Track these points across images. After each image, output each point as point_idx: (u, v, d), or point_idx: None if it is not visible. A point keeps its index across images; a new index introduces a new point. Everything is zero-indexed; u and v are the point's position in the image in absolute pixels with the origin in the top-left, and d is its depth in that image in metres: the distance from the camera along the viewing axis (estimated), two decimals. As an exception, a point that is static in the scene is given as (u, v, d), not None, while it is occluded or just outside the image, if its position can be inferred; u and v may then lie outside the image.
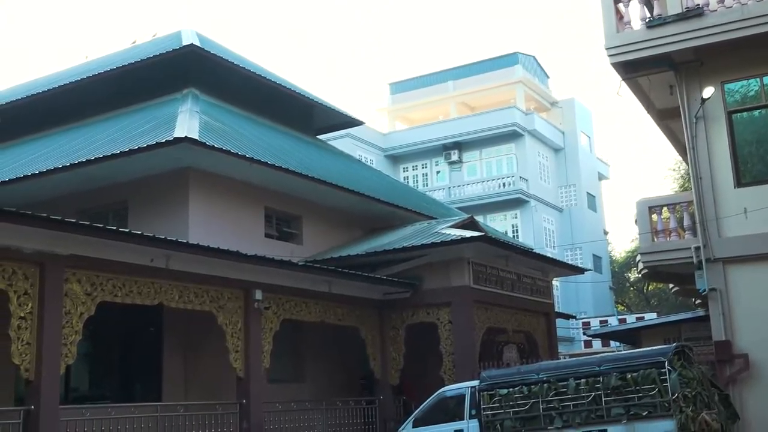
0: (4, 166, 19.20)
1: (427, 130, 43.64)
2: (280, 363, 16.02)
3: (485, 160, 42.22)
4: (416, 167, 43.82)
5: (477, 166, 42.35)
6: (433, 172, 43.42)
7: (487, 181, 41.35)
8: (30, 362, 10.77)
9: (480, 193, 40.93)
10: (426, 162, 43.61)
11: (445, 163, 42.59)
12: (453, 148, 42.09)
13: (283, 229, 19.23)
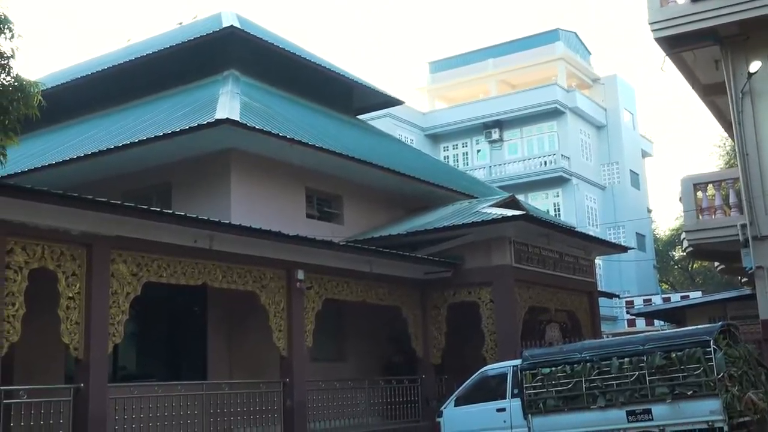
0: (50, 150, 19.54)
1: (467, 108, 43.39)
2: (322, 342, 16.15)
3: (526, 139, 41.89)
4: (456, 146, 43.64)
5: (518, 144, 42.04)
6: (473, 151, 43.21)
7: (528, 159, 41.05)
8: (79, 341, 11.01)
9: (521, 171, 40.65)
10: (466, 141, 43.41)
11: (486, 141, 42.35)
12: (493, 127, 41.82)
13: (324, 209, 19.31)
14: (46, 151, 19.47)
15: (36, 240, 10.63)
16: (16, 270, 10.36)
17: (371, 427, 16.02)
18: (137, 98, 21.40)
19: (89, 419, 10.86)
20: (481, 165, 42.14)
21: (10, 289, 10.22)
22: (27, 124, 12.02)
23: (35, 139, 20.82)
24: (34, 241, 10.61)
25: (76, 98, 22.32)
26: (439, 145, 43.78)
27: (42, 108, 11.67)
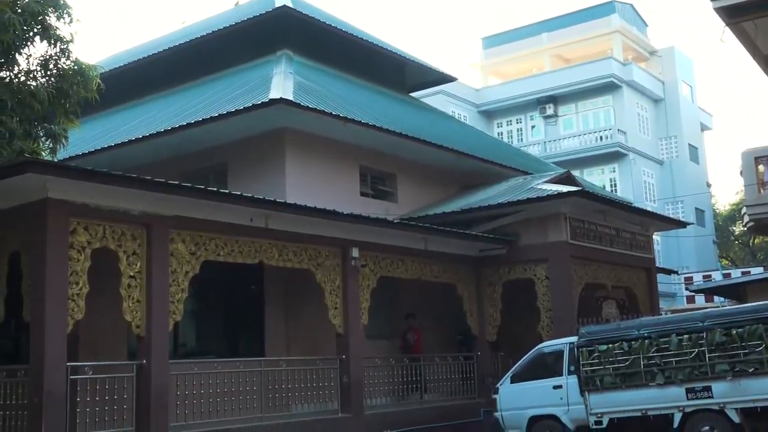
0: (109, 132, 19.91)
1: (521, 84, 42.93)
2: (378, 319, 16.24)
3: (581, 114, 41.32)
4: (510, 122, 43.26)
5: (573, 119, 41.50)
6: (527, 126, 42.79)
7: (583, 134, 40.51)
8: (140, 319, 11.26)
9: (576, 147, 40.16)
10: (520, 117, 43.00)
11: (540, 117, 41.89)
12: (548, 102, 41.32)
13: (378, 187, 19.35)
14: (106, 133, 19.85)
15: (98, 220, 10.87)
16: (79, 250, 10.62)
17: (427, 404, 16.10)
18: (193, 79, 21.66)
19: (152, 394, 11.13)
20: (535, 141, 41.73)
21: (74, 268, 10.49)
22: (86, 107, 12.29)
23: (95, 122, 21.23)
24: (96, 221, 10.86)
25: (134, 81, 22.69)
26: (493, 122, 43.44)
27: (101, 91, 11.94)
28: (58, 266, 10.29)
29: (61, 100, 11.34)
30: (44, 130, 11.45)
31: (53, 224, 10.33)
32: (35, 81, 11.17)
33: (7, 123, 10.15)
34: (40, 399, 9.93)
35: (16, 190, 10.31)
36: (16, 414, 10.48)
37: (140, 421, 11.07)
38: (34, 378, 10.12)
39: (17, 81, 10.99)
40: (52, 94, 11.11)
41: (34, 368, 10.14)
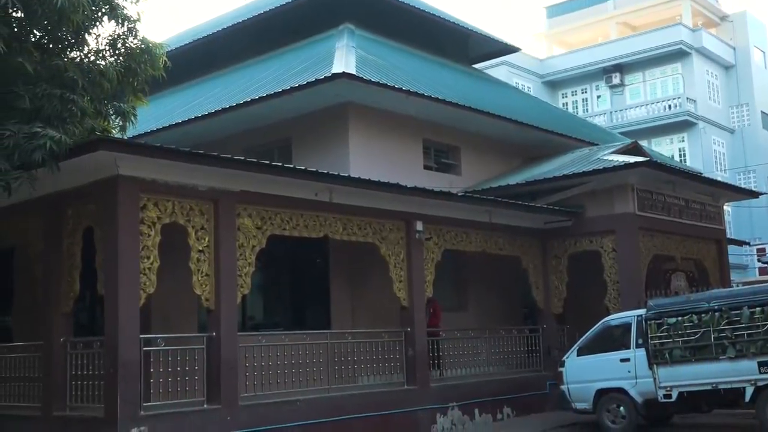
0: (175, 110, 20.25)
1: (586, 53, 42.09)
2: (442, 292, 16.27)
3: (649, 82, 40.37)
4: (575, 93, 42.53)
5: (640, 88, 40.57)
6: (593, 96, 42.01)
7: (651, 103, 39.60)
8: (210, 293, 11.49)
9: (644, 116, 39.30)
10: (586, 87, 42.23)
11: (606, 86, 41.06)
12: (614, 71, 40.44)
13: (441, 160, 19.30)
14: (172, 111, 20.19)
15: (167, 196, 11.10)
16: (150, 225, 10.87)
17: (493, 376, 16.10)
18: (256, 56, 21.85)
19: (221, 365, 11.37)
20: (601, 111, 40.98)
21: (145, 243, 10.74)
22: (154, 85, 12.51)
23: (162, 100, 21.61)
24: (165, 197, 11.08)
25: (199, 58, 23.00)
26: (558, 92, 42.78)
27: (167, 69, 12.12)
28: (129, 241, 10.55)
29: (129, 78, 11.55)
30: (114, 109, 11.69)
31: (124, 200, 10.58)
32: (104, 60, 11.40)
33: (79, 102, 10.37)
34: (116, 369, 10.25)
35: (88, 167, 10.58)
36: (93, 384, 10.84)
37: (211, 391, 11.33)
38: (109, 349, 10.44)
39: (87, 61, 11.23)
40: (121, 73, 11.33)
41: (109, 340, 10.47)
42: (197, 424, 10.97)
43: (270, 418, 11.86)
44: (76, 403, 11.21)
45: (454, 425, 14.71)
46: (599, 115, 40.20)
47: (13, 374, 12.36)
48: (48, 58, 10.53)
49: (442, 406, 14.62)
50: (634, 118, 39.45)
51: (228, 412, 11.33)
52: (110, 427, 10.17)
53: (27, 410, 11.88)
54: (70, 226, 11.55)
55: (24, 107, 9.99)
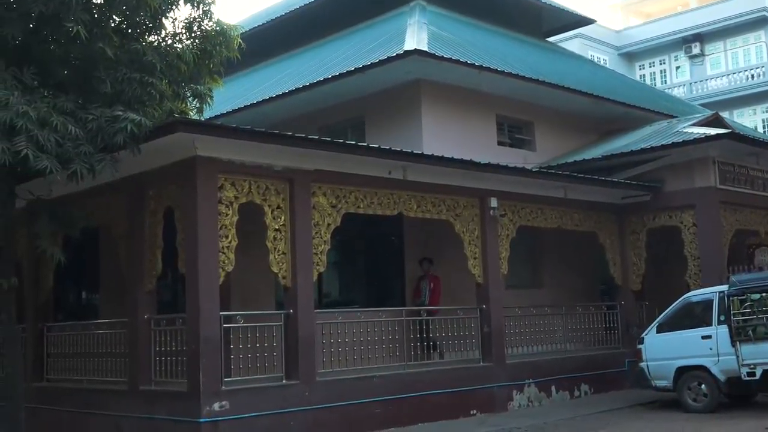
0: (250, 90, 20.52)
1: (664, 23, 40.90)
2: (517, 269, 16.16)
3: (730, 51, 39.01)
4: (653, 64, 41.44)
5: (721, 58, 39.26)
6: (672, 67, 40.86)
7: (733, 73, 38.29)
8: (286, 270, 11.66)
9: (725, 87, 38.05)
10: (664, 58, 41.09)
11: (686, 57, 39.87)
12: (694, 41, 39.22)
13: (515, 135, 19.10)
14: (247, 92, 20.46)
15: (243, 176, 11.28)
16: (227, 205, 11.08)
17: (570, 353, 15.97)
18: (328, 35, 21.94)
19: (299, 342, 11.56)
20: (680, 82, 39.86)
21: (223, 222, 10.96)
22: (229, 67, 12.68)
23: (237, 81, 21.91)
24: (242, 177, 11.27)
25: (272, 39, 23.22)
26: (635, 64, 41.75)
27: (242, 50, 12.26)
28: (208, 221, 10.78)
29: (205, 60, 11.73)
30: (191, 91, 11.89)
31: (202, 181, 10.80)
32: (181, 43, 11.59)
33: (157, 85, 10.60)
34: (197, 346, 10.53)
35: (167, 149, 10.82)
36: (176, 359, 11.16)
37: (289, 367, 11.54)
38: (191, 326, 10.72)
39: (164, 44, 11.44)
40: (197, 56, 11.51)
41: (191, 317, 10.74)
42: (276, 400, 11.19)
43: (347, 394, 12.01)
44: (160, 378, 11.56)
45: (530, 402, 14.67)
46: (678, 87, 39.12)
47: (101, 350, 12.80)
48: (127, 43, 10.76)
49: (518, 383, 14.58)
50: (714, 89, 38.25)
51: (306, 387, 11.53)
52: (193, 401, 10.46)
53: (115, 384, 12.31)
54: (151, 206, 11.86)
55: (105, 91, 10.26)
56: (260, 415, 10.94)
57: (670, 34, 39.98)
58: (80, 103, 10.09)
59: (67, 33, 9.72)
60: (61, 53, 10.64)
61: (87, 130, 9.75)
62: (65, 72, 10.81)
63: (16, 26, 9.87)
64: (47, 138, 9.26)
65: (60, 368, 13.71)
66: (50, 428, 12.95)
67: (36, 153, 9.17)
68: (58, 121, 9.43)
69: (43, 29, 10.32)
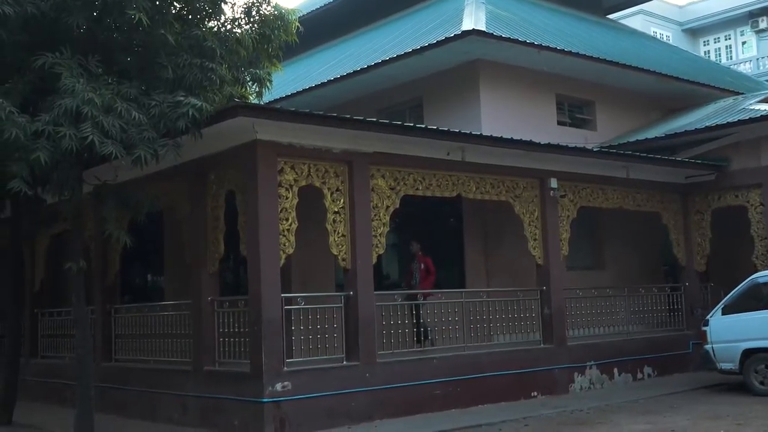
0: (309, 74, 20.62)
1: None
2: (578, 250, 15.98)
3: (800, 25, 37.82)
4: (718, 39, 40.36)
5: (790, 32, 38.09)
6: (738, 43, 39.73)
7: (802, 48, 37.16)
8: (346, 253, 11.74)
9: (794, 62, 36.97)
10: (729, 33, 39.97)
11: (752, 32, 38.70)
12: (761, 15, 38.02)
13: (575, 115, 18.86)
14: (306, 75, 20.57)
15: (303, 159, 11.37)
16: (287, 188, 11.18)
17: (632, 335, 15.76)
18: (385, 17, 21.92)
19: (359, 323, 11.64)
20: (746, 58, 38.73)
21: (284, 205, 11.08)
22: (287, 51, 12.76)
23: (295, 64, 22.04)
24: (301, 160, 11.36)
25: (329, 22, 23.28)
26: (699, 40, 40.72)
27: (300, 34, 12.33)
28: (269, 204, 10.90)
29: (264, 45, 11.83)
30: (250, 75, 12.01)
31: (263, 164, 10.92)
32: (240, 28, 11.71)
33: (218, 70, 10.72)
34: (260, 327, 10.68)
35: (228, 133, 10.96)
36: (239, 340, 11.35)
37: (349, 348, 11.64)
38: (253, 308, 10.88)
39: (224, 30, 11.57)
40: (256, 40, 11.61)
41: (253, 299, 10.90)
42: (337, 380, 11.31)
43: (407, 375, 12.07)
44: (224, 358, 11.78)
45: (592, 384, 14.54)
46: (744, 63, 38.03)
47: (166, 331, 13.08)
48: (187, 29, 10.90)
49: (580, 365, 14.46)
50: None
51: (366, 368, 11.61)
52: (256, 381, 10.64)
53: (180, 364, 12.58)
54: (213, 190, 12.04)
55: (167, 77, 10.42)
56: (321, 395, 11.08)
57: (735, 9, 38.83)
58: (143, 90, 10.27)
59: (130, 20, 9.90)
60: (124, 41, 10.84)
61: (150, 116, 9.93)
62: (128, 59, 11.01)
63: (81, 15, 10.08)
64: (112, 124, 9.47)
65: (127, 349, 14.07)
66: (119, 407, 13.32)
67: (101, 139, 9.39)
68: (123, 108, 9.63)
69: (107, 17, 10.50)
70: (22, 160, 9.53)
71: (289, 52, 13.81)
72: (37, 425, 12.99)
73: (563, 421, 11.44)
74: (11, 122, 9.23)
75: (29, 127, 9.35)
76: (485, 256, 16.36)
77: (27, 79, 10.09)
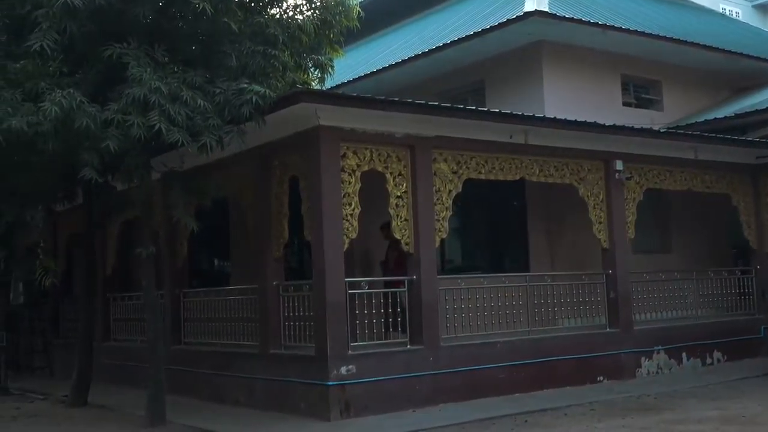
0: (370, 58, 20.67)
1: (803, -30, 38.56)
2: (644, 233, 15.69)
3: None
4: (791, 14, 39.11)
5: None
6: (812, 17, 38.47)
7: None
8: (409, 237, 11.76)
9: None
10: (803, 7, 38.72)
11: (827, 6, 37.46)
12: (836, -12, 36.80)
13: (641, 96, 18.50)
14: (367, 60, 20.62)
15: (365, 144, 11.40)
16: (350, 173, 11.24)
17: (701, 320, 15.45)
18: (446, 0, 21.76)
19: (423, 307, 11.67)
20: (821, 33, 37.44)
21: (346, 190, 11.14)
22: (348, 36, 12.81)
23: (356, 50, 22.08)
24: (364, 145, 11.39)
25: (390, 7, 23.21)
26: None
27: (361, 19, 12.36)
28: (332, 189, 10.98)
29: (325, 31, 11.91)
30: (312, 61, 12.11)
31: (325, 150, 11.00)
32: (302, 15, 11.80)
33: (280, 57, 10.84)
34: (324, 311, 10.79)
35: (291, 119, 11.05)
36: (304, 324, 11.49)
37: (413, 333, 11.68)
38: (317, 292, 11.00)
39: (286, 16, 11.68)
40: (318, 26, 11.69)
41: (317, 283, 11.01)
42: (401, 364, 11.37)
43: (471, 360, 12.07)
44: (289, 342, 11.94)
45: (660, 369, 14.33)
46: (819, 38, 36.75)
47: (233, 315, 13.31)
48: (250, 17, 11.03)
49: (646, 349, 14.24)
50: None
51: (430, 352, 11.64)
52: (321, 364, 10.77)
53: (247, 348, 12.79)
54: (276, 176, 12.17)
55: (231, 65, 10.58)
56: (386, 379, 11.15)
57: (809, -18, 37.58)
58: (208, 77, 10.43)
59: (194, 9, 10.05)
60: (189, 29, 11.01)
61: (215, 104, 10.10)
62: (193, 47, 11.19)
63: (147, 5, 10.27)
64: (178, 112, 9.66)
65: (196, 332, 14.36)
66: (188, 388, 13.62)
67: (168, 126, 9.59)
68: (188, 96, 9.81)
69: (172, 7, 10.69)
70: (92, 149, 9.80)
71: (350, 38, 13.85)
72: (110, 406, 13.38)
73: (629, 407, 11.30)
74: (82, 112, 9.48)
75: (99, 116, 9.60)
76: (549, 239, 16.20)
77: (96, 69, 10.34)
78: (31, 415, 13.17)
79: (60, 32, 9.85)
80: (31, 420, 12.67)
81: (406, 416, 10.89)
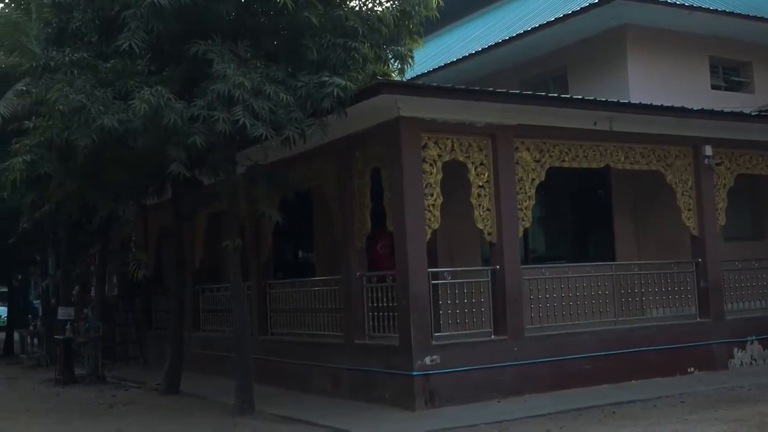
0: (450, 48, 20.58)
1: None
2: (736, 220, 15.22)
3: None
4: None
5: None
6: None
7: None
8: (491, 227, 11.70)
9: None
10: None
11: None
12: None
13: (731, 78, 17.88)
14: (446, 50, 20.53)
15: (446, 134, 11.38)
16: (431, 163, 11.24)
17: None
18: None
19: (506, 297, 11.60)
20: None
21: (428, 180, 11.15)
22: (428, 26, 12.78)
23: (435, 40, 22.01)
24: (445, 135, 11.37)
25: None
26: None
27: (440, 8, 12.31)
28: (413, 180, 11.00)
29: (404, 21, 11.89)
30: (392, 52, 12.11)
31: (407, 141, 11.02)
32: (381, 6, 11.82)
33: (360, 49, 10.89)
34: (408, 302, 10.84)
35: (372, 111, 11.12)
36: (387, 315, 11.56)
37: (497, 323, 11.62)
38: (400, 283, 11.05)
39: (365, 8, 11.71)
40: (397, 17, 11.68)
41: (400, 274, 11.06)
42: (485, 354, 11.33)
43: (556, 350, 11.95)
44: (374, 332, 12.02)
45: (754, 360, 13.89)
46: None
47: (318, 305, 13.48)
48: (330, 10, 11.11)
49: (739, 340, 13.83)
50: None
51: (514, 343, 11.57)
52: (405, 354, 10.82)
53: (332, 338, 12.95)
54: (358, 167, 12.25)
55: (312, 58, 10.68)
56: (470, 369, 11.14)
57: None
58: (289, 71, 10.58)
59: (275, 5, 10.20)
60: (271, 25, 11.18)
61: (297, 97, 10.23)
62: (275, 42, 11.36)
63: (230, 2, 10.48)
64: (261, 106, 9.83)
65: (282, 322, 14.60)
66: (275, 377, 13.88)
67: (252, 121, 9.77)
68: (271, 90, 9.96)
69: (254, 3, 10.87)
70: (179, 144, 10.06)
71: (429, 28, 13.83)
72: (201, 395, 13.74)
73: (721, 398, 10.99)
74: (169, 108, 9.74)
75: (186, 112, 9.85)
76: (635, 227, 15.85)
77: (182, 67, 10.62)
78: (127, 403, 13.63)
79: (147, 32, 10.15)
80: (126, 408, 13.12)
81: (490, 406, 10.85)
